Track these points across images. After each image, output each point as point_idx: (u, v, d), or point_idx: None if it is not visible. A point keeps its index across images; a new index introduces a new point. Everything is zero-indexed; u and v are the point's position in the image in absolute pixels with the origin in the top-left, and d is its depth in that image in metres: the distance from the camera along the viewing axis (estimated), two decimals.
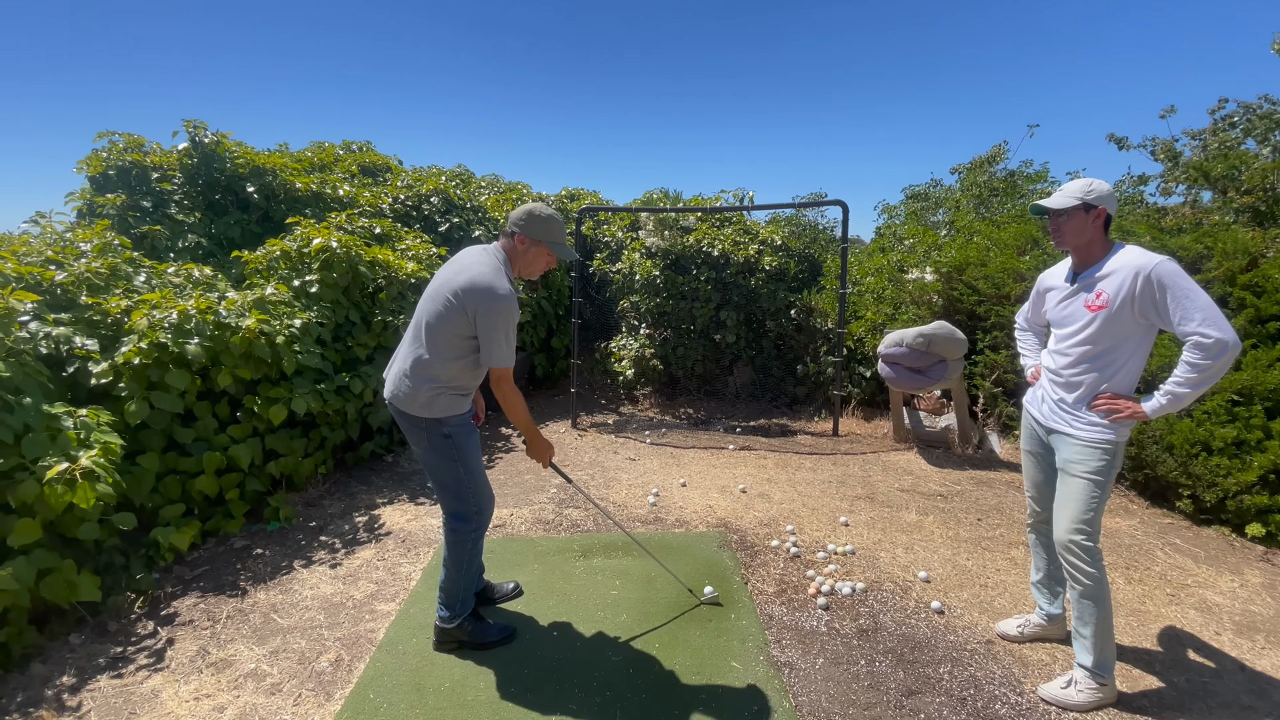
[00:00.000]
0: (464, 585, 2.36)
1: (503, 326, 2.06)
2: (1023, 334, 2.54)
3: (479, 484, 2.31)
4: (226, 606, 2.72)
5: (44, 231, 4.01)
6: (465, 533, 2.30)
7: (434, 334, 2.11)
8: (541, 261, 2.26)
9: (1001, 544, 3.33)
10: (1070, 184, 2.07)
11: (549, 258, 2.26)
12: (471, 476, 2.28)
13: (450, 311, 2.06)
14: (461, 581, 2.34)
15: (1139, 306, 1.94)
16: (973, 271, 5.11)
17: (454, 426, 2.21)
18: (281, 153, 6.69)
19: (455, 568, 2.32)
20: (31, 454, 2.35)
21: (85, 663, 2.34)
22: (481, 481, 2.32)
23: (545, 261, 2.27)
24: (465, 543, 2.30)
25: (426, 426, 2.18)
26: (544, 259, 2.25)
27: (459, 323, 2.07)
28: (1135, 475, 3.91)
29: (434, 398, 2.14)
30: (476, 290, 2.03)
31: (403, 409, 2.18)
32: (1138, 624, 2.64)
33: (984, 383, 4.85)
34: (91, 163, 5.15)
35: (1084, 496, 2.05)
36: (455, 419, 2.21)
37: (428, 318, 2.12)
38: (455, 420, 2.21)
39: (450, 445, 2.21)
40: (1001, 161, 8.31)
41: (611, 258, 6.91)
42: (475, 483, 2.29)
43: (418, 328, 2.16)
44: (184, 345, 3.03)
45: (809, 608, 2.73)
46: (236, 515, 3.33)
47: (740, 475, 4.32)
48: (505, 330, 2.07)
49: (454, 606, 2.36)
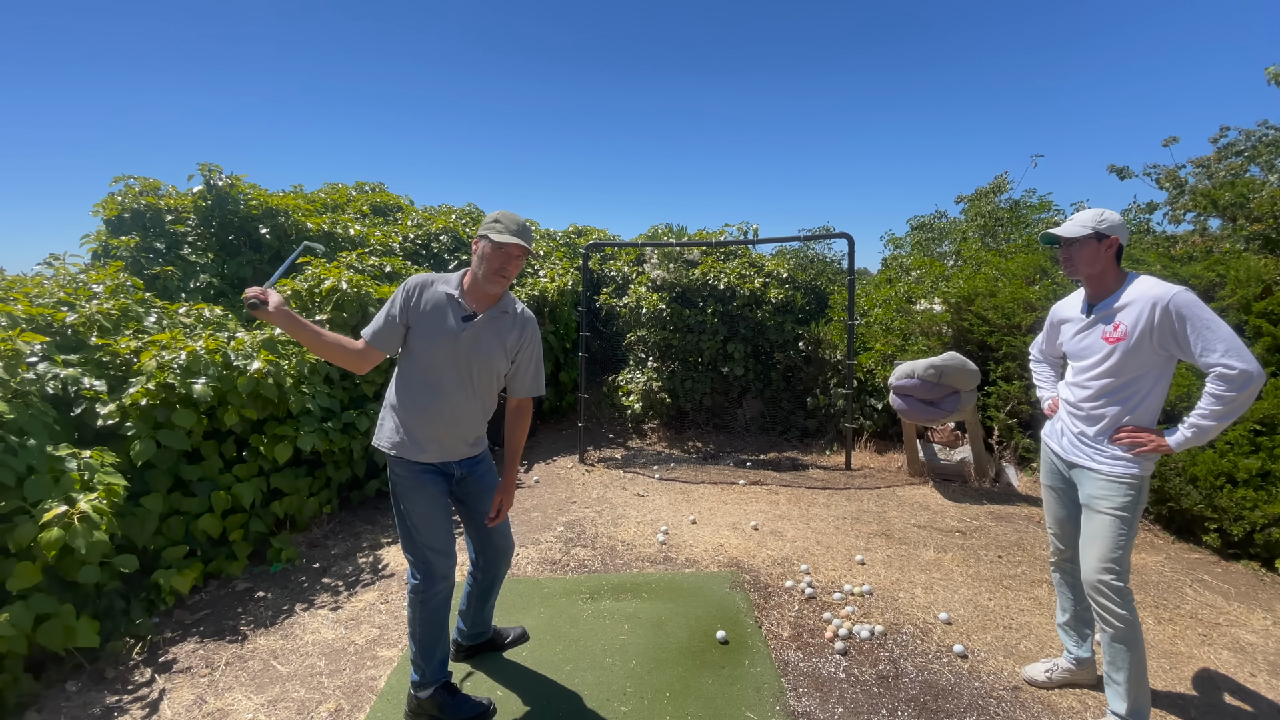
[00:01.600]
0: (423, 652, 2.15)
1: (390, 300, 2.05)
2: (1038, 365, 2.49)
3: (422, 540, 2.10)
4: (226, 653, 2.65)
5: (57, 273, 4.07)
6: (414, 593, 2.12)
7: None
8: (495, 259, 1.98)
9: (1024, 582, 3.21)
10: (1082, 214, 2.05)
11: (495, 250, 1.98)
12: (415, 529, 2.09)
13: None
14: (418, 647, 2.14)
15: (1158, 338, 1.90)
16: (982, 302, 5.08)
17: (392, 466, 2.11)
18: (295, 194, 6.83)
19: (410, 628, 2.15)
20: (33, 496, 2.33)
21: (80, 712, 2.27)
22: (428, 543, 2.10)
23: (499, 258, 1.98)
24: (413, 605, 2.12)
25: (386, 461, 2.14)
26: (493, 254, 1.98)
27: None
28: (1159, 509, 3.80)
29: (382, 420, 2.13)
30: None
31: None
32: (1170, 666, 2.52)
33: (998, 414, 4.76)
34: (107, 206, 5.26)
35: (1111, 534, 1.98)
36: (396, 460, 2.09)
37: None
38: (395, 459, 2.09)
39: (394, 487, 2.12)
40: (1005, 192, 8.34)
41: (618, 292, 6.94)
42: (418, 536, 2.10)
43: None
44: (190, 385, 3.03)
45: (826, 652, 2.63)
46: (240, 556, 3.28)
47: (752, 511, 4.23)
48: (388, 305, 2.04)
49: (419, 672, 2.17)
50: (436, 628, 2.16)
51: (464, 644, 2.56)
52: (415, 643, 2.15)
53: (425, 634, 2.14)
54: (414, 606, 2.13)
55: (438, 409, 2.05)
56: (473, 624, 2.52)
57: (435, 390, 2.05)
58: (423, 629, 2.13)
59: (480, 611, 2.50)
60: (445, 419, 2.07)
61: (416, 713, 2.18)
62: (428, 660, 2.16)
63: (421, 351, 2.04)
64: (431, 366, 2.04)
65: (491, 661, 2.55)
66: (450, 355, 2.03)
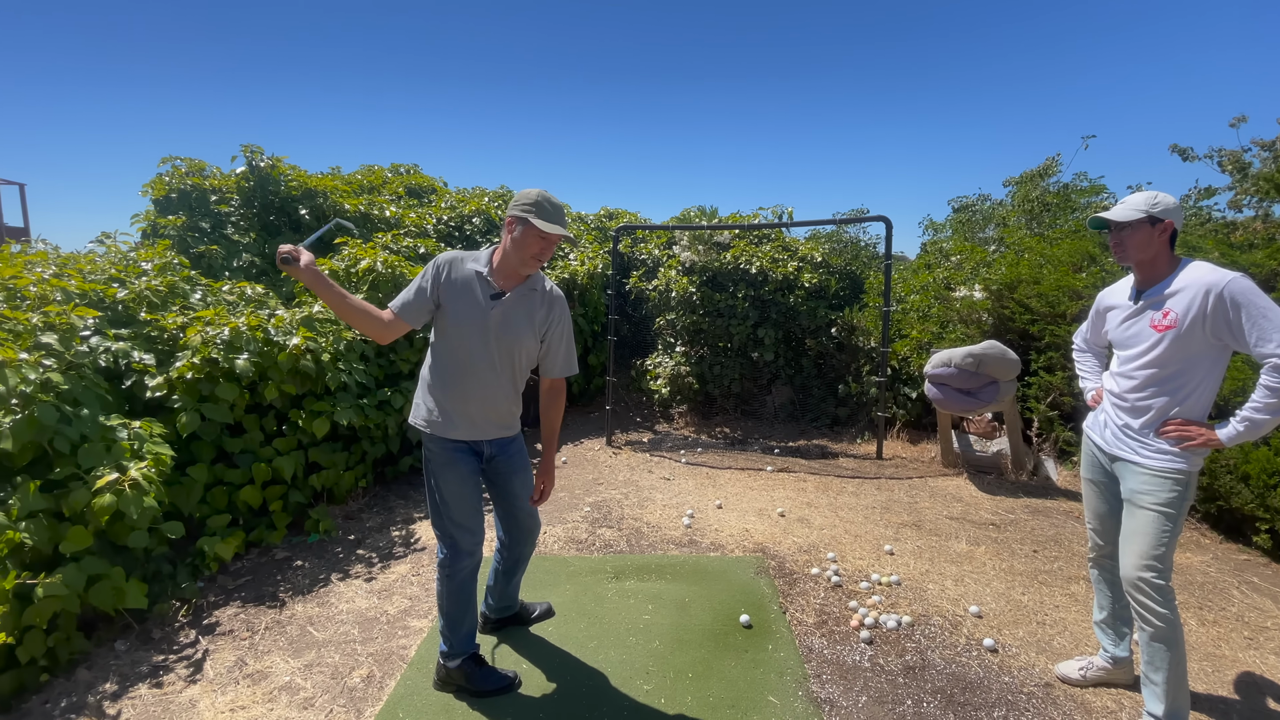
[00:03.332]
0: (451, 625, 2.21)
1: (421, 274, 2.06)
2: (1081, 355, 2.40)
3: (449, 520, 2.15)
4: (265, 618, 2.76)
5: (109, 251, 4.22)
6: (442, 567, 2.18)
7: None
8: (534, 245, 1.99)
9: (1060, 578, 3.13)
10: (1134, 196, 1.95)
11: (536, 238, 1.98)
12: (442, 507, 2.15)
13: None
14: (447, 620, 2.21)
15: (1210, 326, 1.81)
16: (1025, 289, 4.91)
17: (426, 442, 2.16)
18: (333, 175, 6.95)
19: (439, 602, 2.21)
20: (87, 463, 2.44)
21: (128, 670, 2.40)
22: (457, 519, 2.15)
23: (539, 244, 1.99)
24: (442, 579, 2.18)
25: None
26: (533, 241, 1.98)
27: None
28: (1207, 507, 3.65)
29: (417, 399, 2.18)
30: None
31: None
32: (1213, 669, 2.43)
33: (1039, 405, 4.62)
34: (156, 186, 5.44)
35: (1154, 530, 1.91)
36: (427, 434, 2.14)
37: None
38: (426, 435, 2.15)
39: (426, 463, 2.17)
40: (1054, 175, 7.99)
41: (648, 275, 6.90)
42: (445, 518, 2.15)
43: None
44: (233, 360, 3.13)
45: (851, 641, 2.61)
46: (279, 527, 3.40)
47: (778, 498, 4.20)
48: (419, 279, 2.05)
49: (448, 644, 2.23)
50: (463, 601, 2.21)
51: (491, 617, 2.62)
52: (443, 615, 2.21)
53: (452, 607, 2.20)
54: (442, 580, 2.18)
55: (468, 386, 2.08)
56: (499, 599, 2.57)
57: (465, 368, 2.07)
58: (450, 602, 2.19)
59: (506, 587, 2.55)
60: (475, 396, 2.09)
61: (445, 681, 2.25)
62: (455, 632, 2.22)
63: (452, 330, 2.07)
64: (461, 344, 2.06)
65: (517, 636, 2.60)
66: (480, 333, 2.05)
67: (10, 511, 2.26)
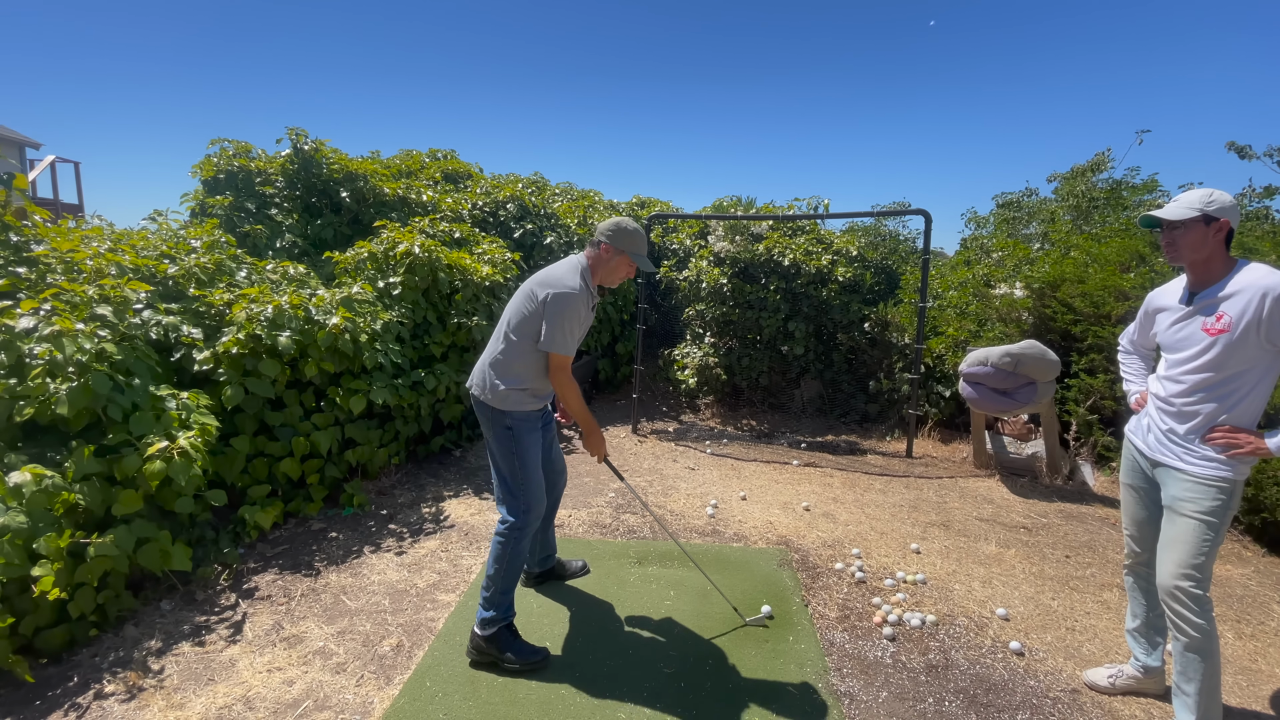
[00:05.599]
0: (503, 586, 2.34)
1: (566, 316, 2.20)
2: (1127, 357, 2.33)
3: (532, 484, 2.36)
4: (301, 585, 2.87)
5: (160, 229, 4.38)
6: (511, 530, 2.34)
7: (514, 332, 2.27)
8: (622, 271, 2.38)
9: (1093, 585, 3.06)
10: (1187, 194, 1.88)
11: (629, 268, 2.39)
12: (526, 474, 2.35)
13: (528, 305, 2.24)
14: (501, 582, 2.34)
15: (1266, 331, 1.74)
16: (1069, 288, 4.76)
17: (517, 420, 2.31)
18: (373, 160, 7.07)
19: (497, 564, 2.33)
20: (138, 431, 2.56)
21: (172, 628, 2.52)
22: (535, 483, 2.38)
23: (625, 271, 2.39)
24: (508, 541, 2.34)
25: (493, 416, 2.32)
26: (624, 268, 2.38)
27: (536, 319, 2.23)
28: (1251, 519, 3.52)
29: (508, 394, 2.29)
30: (549, 282, 2.24)
31: (478, 396, 2.35)
32: (1248, 683, 2.36)
33: (1078, 409, 4.49)
34: (204, 167, 5.61)
35: (1194, 539, 1.85)
36: (520, 414, 2.32)
37: (511, 316, 2.30)
38: (519, 415, 2.32)
39: (511, 438, 2.32)
40: (1105, 170, 7.70)
41: (679, 265, 6.89)
42: (529, 481, 2.36)
43: (504, 326, 2.33)
44: (276, 337, 3.24)
45: (874, 637, 2.59)
46: (316, 499, 3.51)
47: (804, 492, 4.18)
48: (566, 321, 2.20)
49: (494, 607, 2.33)
50: (520, 565, 2.39)
51: (534, 570, 2.87)
52: (499, 580, 2.33)
53: (511, 570, 2.35)
54: (510, 544, 2.34)
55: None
56: (542, 548, 2.83)
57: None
58: (510, 565, 2.34)
59: (545, 534, 2.81)
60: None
61: (481, 651, 2.34)
62: (506, 595, 2.36)
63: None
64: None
65: (542, 616, 2.65)
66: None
67: (66, 474, 2.39)
